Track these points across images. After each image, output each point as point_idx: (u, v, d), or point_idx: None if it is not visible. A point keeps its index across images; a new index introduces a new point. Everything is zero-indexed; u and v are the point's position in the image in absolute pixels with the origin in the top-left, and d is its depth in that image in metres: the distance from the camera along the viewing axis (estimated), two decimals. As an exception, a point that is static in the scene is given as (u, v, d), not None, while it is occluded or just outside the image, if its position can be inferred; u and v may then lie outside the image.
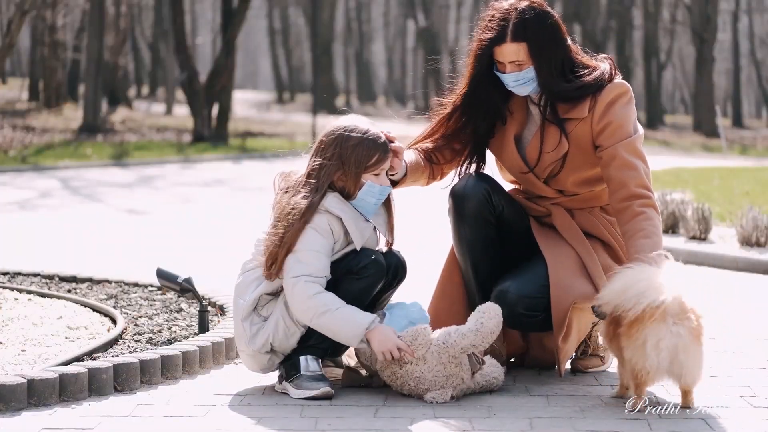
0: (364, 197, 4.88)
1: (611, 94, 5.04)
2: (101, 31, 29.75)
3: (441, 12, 57.36)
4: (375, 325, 4.71)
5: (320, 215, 4.79)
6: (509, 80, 5.04)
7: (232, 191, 17.34)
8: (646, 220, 4.87)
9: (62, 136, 27.74)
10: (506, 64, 5.03)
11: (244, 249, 5.18)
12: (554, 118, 5.07)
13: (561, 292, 4.93)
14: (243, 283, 4.93)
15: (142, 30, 52.43)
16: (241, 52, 54.28)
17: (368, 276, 4.83)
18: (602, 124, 5.02)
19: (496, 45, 5.01)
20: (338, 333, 4.74)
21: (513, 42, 4.99)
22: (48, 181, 18.22)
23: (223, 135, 28.74)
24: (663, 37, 52.41)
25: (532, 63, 5.01)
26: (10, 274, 7.24)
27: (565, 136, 5.05)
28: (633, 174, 4.93)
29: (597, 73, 5.06)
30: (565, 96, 5.04)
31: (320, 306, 4.71)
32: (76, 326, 5.72)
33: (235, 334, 4.96)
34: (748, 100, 71.90)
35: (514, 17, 5.00)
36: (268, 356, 4.88)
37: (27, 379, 4.54)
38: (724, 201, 13.36)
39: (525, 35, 4.99)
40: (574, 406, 4.66)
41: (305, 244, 4.77)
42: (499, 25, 5.01)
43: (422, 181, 5.28)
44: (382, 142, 4.89)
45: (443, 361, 4.68)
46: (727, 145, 34.42)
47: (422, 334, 4.69)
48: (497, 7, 5.09)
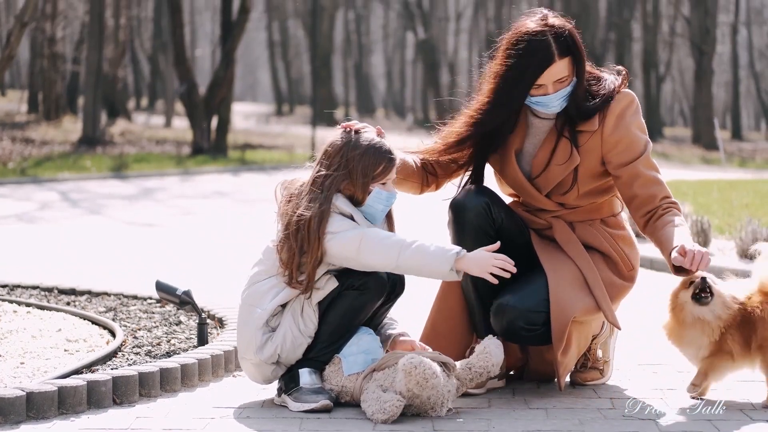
0: (373, 204, 4.89)
1: (619, 106, 5.06)
2: (100, 43, 29.77)
3: (440, 24, 57.41)
4: (463, 253, 4.71)
5: (331, 215, 4.80)
6: (554, 99, 5.01)
7: (232, 203, 17.33)
8: (674, 216, 4.95)
9: (61, 148, 27.75)
10: (550, 85, 4.98)
11: (243, 262, 5.19)
12: (570, 132, 5.08)
13: (561, 306, 4.93)
14: (257, 292, 4.89)
15: (141, 42, 52.47)
16: (240, 65, 54.31)
17: (369, 291, 4.82)
18: (614, 139, 5.05)
19: (546, 67, 4.95)
20: (427, 265, 4.71)
21: (560, 59, 4.96)
22: (47, 194, 18.22)
23: (222, 147, 28.75)
24: (662, 50, 52.46)
25: (575, 76, 5.02)
26: (9, 287, 7.24)
27: (576, 150, 5.06)
28: (658, 189, 5.04)
29: (607, 84, 5.09)
30: (586, 110, 5.06)
31: (400, 242, 4.71)
32: (75, 339, 5.72)
33: (241, 342, 4.92)
34: (747, 112, 71.94)
35: (552, 34, 4.96)
36: (273, 367, 4.87)
37: (26, 392, 4.53)
38: (723, 213, 13.36)
39: (568, 49, 4.98)
40: (573, 419, 4.65)
41: (334, 222, 4.78)
42: (541, 47, 4.94)
43: (414, 187, 5.27)
44: (387, 149, 4.90)
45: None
46: (726, 157, 34.43)
47: (427, 368, 4.66)
48: (529, 30, 4.99)
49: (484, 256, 4.71)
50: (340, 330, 4.82)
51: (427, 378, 4.55)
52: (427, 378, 4.55)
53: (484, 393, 5.06)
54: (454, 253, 4.68)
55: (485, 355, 4.79)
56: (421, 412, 4.66)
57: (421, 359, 4.56)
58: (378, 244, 4.73)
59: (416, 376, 4.54)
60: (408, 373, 4.54)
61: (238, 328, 4.96)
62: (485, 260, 4.71)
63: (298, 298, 4.84)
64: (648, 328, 6.59)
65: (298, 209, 4.81)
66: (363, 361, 4.82)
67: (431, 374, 4.56)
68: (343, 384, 4.80)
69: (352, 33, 62.15)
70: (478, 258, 4.71)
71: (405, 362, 4.55)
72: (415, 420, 4.61)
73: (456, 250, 4.69)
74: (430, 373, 4.56)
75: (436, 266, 4.70)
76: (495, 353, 4.79)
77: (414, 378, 4.54)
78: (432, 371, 4.57)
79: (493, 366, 4.79)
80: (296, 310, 4.83)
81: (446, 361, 4.78)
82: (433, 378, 4.56)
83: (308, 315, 4.82)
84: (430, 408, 4.65)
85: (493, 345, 4.80)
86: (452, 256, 4.68)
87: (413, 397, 4.59)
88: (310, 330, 4.82)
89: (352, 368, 4.80)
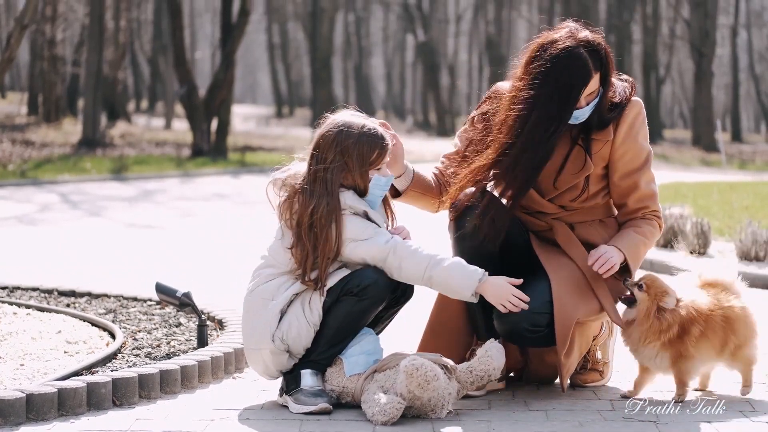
0: (374, 191, 4.90)
1: (630, 115, 5.11)
2: (100, 45, 29.76)
3: (440, 26, 57.40)
4: (486, 278, 4.75)
5: (345, 216, 4.80)
6: (587, 112, 5.00)
7: (232, 205, 17.33)
8: (646, 224, 5.08)
9: (61, 150, 27.74)
10: (583, 99, 4.95)
11: (243, 263, 5.19)
12: (585, 140, 5.08)
13: (564, 308, 4.93)
14: (269, 287, 4.85)
15: (141, 44, 52.47)
16: (240, 67, 54.31)
17: (368, 298, 4.81)
18: (623, 149, 5.10)
19: (588, 82, 4.92)
20: (451, 286, 4.78)
21: (596, 73, 4.96)
22: (47, 196, 18.22)
23: (222, 149, 28.73)
24: (662, 52, 52.47)
25: (603, 88, 5.01)
26: (9, 289, 7.24)
27: (590, 158, 5.07)
28: (649, 202, 5.14)
29: (620, 92, 5.11)
30: (607, 120, 5.08)
31: (428, 259, 4.76)
32: (75, 341, 5.72)
33: (254, 334, 4.85)
34: (747, 114, 71.95)
35: (585, 47, 4.92)
36: (287, 355, 4.86)
37: (26, 394, 4.53)
38: (723, 215, 13.36)
39: (600, 63, 4.97)
40: (573, 421, 4.65)
41: (354, 228, 4.80)
42: (579, 61, 4.89)
43: (432, 204, 5.24)
44: (380, 134, 4.89)
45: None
46: (726, 159, 34.42)
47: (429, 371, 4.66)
48: (561, 45, 4.90)
49: (504, 289, 4.77)
50: (340, 334, 4.82)
51: (429, 380, 4.55)
52: (428, 380, 4.55)
53: (484, 395, 5.06)
54: (476, 280, 4.75)
55: (487, 358, 4.79)
56: (421, 414, 4.66)
57: (423, 361, 4.56)
58: (408, 259, 4.77)
59: (418, 378, 4.54)
60: (409, 374, 4.54)
61: (248, 322, 4.90)
62: (504, 292, 4.77)
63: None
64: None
65: (306, 208, 4.79)
66: (364, 362, 4.82)
67: (433, 376, 4.56)
68: (344, 385, 4.81)
69: (352, 35, 62.14)
70: (497, 286, 4.78)
71: (407, 364, 4.56)
72: (415, 422, 4.61)
73: (478, 277, 4.75)
74: (431, 375, 4.56)
75: (458, 289, 4.78)
76: (496, 357, 4.79)
77: (415, 380, 4.54)
78: (433, 373, 4.57)
79: (494, 370, 4.79)
80: (305, 298, 4.84)
81: (447, 364, 4.78)
82: (434, 380, 4.57)
83: (315, 304, 4.82)
84: (430, 410, 4.65)
85: (495, 349, 4.80)
86: (474, 282, 4.75)
87: (414, 398, 4.59)
88: (315, 318, 4.81)
89: (354, 369, 4.80)
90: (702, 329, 4.90)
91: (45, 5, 33.69)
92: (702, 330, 4.90)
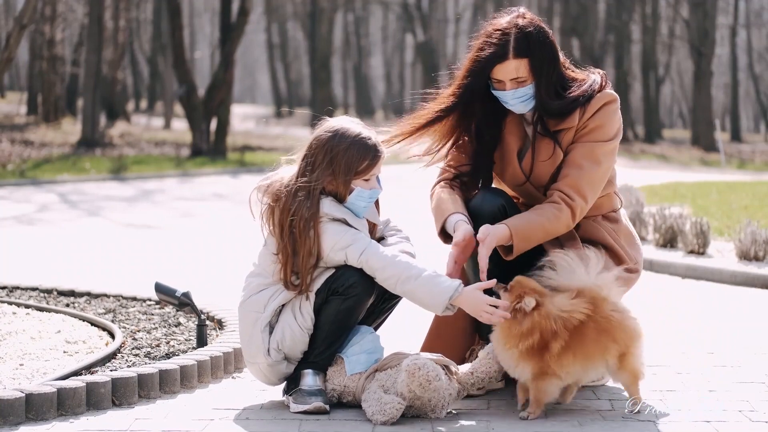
0: (354, 201, 4.87)
1: (600, 103, 5.10)
2: (100, 45, 29.77)
3: (439, 26, 57.46)
4: (458, 292, 4.69)
5: (323, 223, 4.78)
6: (509, 97, 5.05)
7: (231, 205, 17.33)
8: (552, 207, 4.98)
9: (60, 150, 27.75)
10: (506, 82, 5.04)
11: (242, 263, 5.19)
12: (545, 131, 5.11)
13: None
14: (258, 299, 4.87)
15: (140, 44, 52.49)
16: (239, 67, 54.35)
17: (354, 295, 4.79)
18: (588, 125, 5.08)
19: (498, 62, 5.02)
20: (423, 302, 4.74)
21: (515, 58, 5.00)
22: (46, 195, 18.21)
23: (221, 149, 28.75)
24: (661, 52, 52.49)
25: (533, 79, 5.03)
26: (8, 288, 7.24)
27: (559, 146, 5.08)
28: (575, 173, 5.02)
29: (586, 85, 5.11)
30: (559, 112, 5.08)
31: (400, 273, 4.71)
32: (75, 340, 5.72)
33: (250, 348, 4.90)
34: (746, 114, 71.99)
35: (515, 33, 5.02)
36: (285, 363, 4.87)
37: (25, 394, 4.53)
38: (723, 215, 13.36)
39: (527, 51, 5.01)
40: (572, 420, 4.65)
41: (332, 236, 4.76)
42: (500, 42, 5.02)
43: None
44: (373, 144, 4.85)
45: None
46: (726, 159, 34.45)
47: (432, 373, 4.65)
48: (496, 25, 5.09)
49: (478, 301, 4.69)
50: (334, 333, 4.82)
51: (430, 380, 4.55)
52: (429, 380, 4.55)
53: (483, 394, 5.06)
54: (447, 297, 4.69)
55: (488, 360, 4.79)
56: (421, 414, 4.66)
57: (424, 361, 4.57)
58: (380, 271, 4.74)
59: (419, 377, 4.54)
60: (411, 374, 4.54)
61: (243, 336, 4.94)
62: (479, 303, 4.70)
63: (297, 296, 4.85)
64: (647, 330, 6.57)
65: (287, 212, 4.78)
66: (365, 361, 4.82)
67: (434, 376, 4.56)
68: (345, 384, 4.81)
69: (351, 35, 62.20)
70: (471, 299, 4.70)
71: (409, 363, 4.56)
72: (414, 421, 4.61)
73: (449, 294, 4.68)
74: (433, 375, 4.56)
75: (430, 306, 4.74)
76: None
77: (417, 379, 4.54)
78: (435, 373, 4.57)
79: (496, 372, 4.79)
80: (295, 305, 4.84)
81: (448, 364, 4.78)
82: (435, 380, 4.57)
83: (305, 309, 4.82)
84: (430, 410, 4.65)
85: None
86: (445, 299, 4.69)
87: (414, 398, 4.60)
88: (308, 323, 4.82)
89: (355, 368, 4.80)
90: (565, 343, 4.59)
91: (44, 5, 33.72)
92: (565, 344, 4.58)
